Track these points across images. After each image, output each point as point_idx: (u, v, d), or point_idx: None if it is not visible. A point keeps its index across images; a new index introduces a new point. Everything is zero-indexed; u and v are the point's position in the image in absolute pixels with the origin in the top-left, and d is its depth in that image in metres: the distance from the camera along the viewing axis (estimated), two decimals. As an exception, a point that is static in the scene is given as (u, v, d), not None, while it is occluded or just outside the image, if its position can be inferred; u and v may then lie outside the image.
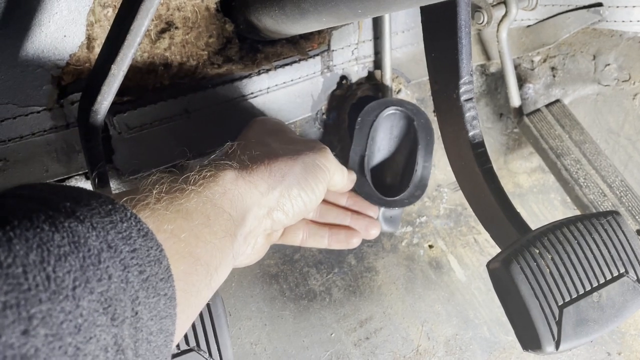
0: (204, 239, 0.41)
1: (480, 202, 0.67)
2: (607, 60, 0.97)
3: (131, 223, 0.32)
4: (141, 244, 0.32)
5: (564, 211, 1.01)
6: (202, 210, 0.42)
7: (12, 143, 0.65)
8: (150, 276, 0.31)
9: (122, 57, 0.49)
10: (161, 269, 0.33)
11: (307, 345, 0.82)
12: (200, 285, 0.40)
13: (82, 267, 0.27)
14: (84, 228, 0.28)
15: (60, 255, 0.26)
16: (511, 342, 0.87)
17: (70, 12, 0.60)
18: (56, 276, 0.25)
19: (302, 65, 0.80)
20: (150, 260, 0.32)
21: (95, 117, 0.55)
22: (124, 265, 0.30)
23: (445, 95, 0.65)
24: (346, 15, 0.50)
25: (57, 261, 0.25)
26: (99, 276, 0.27)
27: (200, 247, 0.40)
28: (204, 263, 0.40)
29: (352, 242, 0.68)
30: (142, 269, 0.31)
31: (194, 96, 0.73)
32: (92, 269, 0.27)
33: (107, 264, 0.28)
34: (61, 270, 0.25)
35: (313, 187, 0.55)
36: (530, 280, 0.52)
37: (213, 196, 0.45)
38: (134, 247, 0.31)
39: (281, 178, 0.52)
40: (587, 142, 0.88)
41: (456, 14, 0.57)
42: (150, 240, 0.33)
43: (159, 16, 0.68)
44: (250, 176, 0.50)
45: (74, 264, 0.26)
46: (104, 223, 0.30)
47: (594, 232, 0.56)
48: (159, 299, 0.32)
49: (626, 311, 0.54)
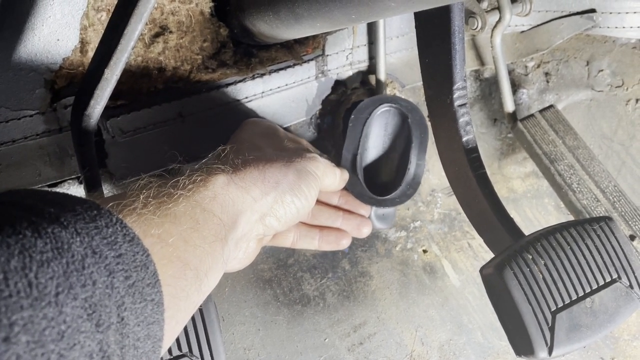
0: (193, 243, 0.40)
1: (474, 207, 0.67)
2: (601, 66, 0.98)
3: (117, 228, 0.32)
4: (127, 249, 0.31)
5: (558, 216, 1.01)
6: (191, 214, 0.42)
7: (4, 147, 0.65)
8: (137, 282, 0.31)
9: (116, 61, 0.49)
10: (148, 274, 0.33)
11: (300, 351, 0.82)
12: (189, 290, 0.39)
13: (65, 273, 0.26)
14: (67, 234, 0.28)
15: (42, 262, 0.26)
16: (505, 347, 0.87)
17: (64, 15, 0.60)
18: (38, 282, 0.25)
19: (297, 70, 0.80)
20: (136, 265, 0.32)
21: (88, 121, 0.55)
22: (109, 271, 0.29)
23: (439, 101, 0.65)
24: (340, 20, 0.50)
25: (39, 267, 0.25)
26: (83, 282, 0.27)
27: (189, 252, 0.40)
28: (193, 267, 0.40)
29: (342, 243, 0.70)
30: (128, 275, 0.31)
31: (188, 100, 0.73)
32: (75, 274, 0.27)
33: (91, 270, 0.28)
34: (43, 277, 0.25)
35: (306, 193, 0.55)
36: (523, 286, 0.52)
37: (202, 200, 0.44)
38: (119, 252, 0.31)
39: (275, 184, 0.52)
40: (581, 148, 0.88)
41: (450, 19, 0.58)
42: (136, 245, 0.32)
43: (153, 20, 0.68)
44: (243, 181, 0.50)
45: (56, 269, 0.26)
46: (89, 229, 0.30)
47: (587, 238, 0.56)
48: (146, 305, 0.32)
49: (619, 317, 0.54)
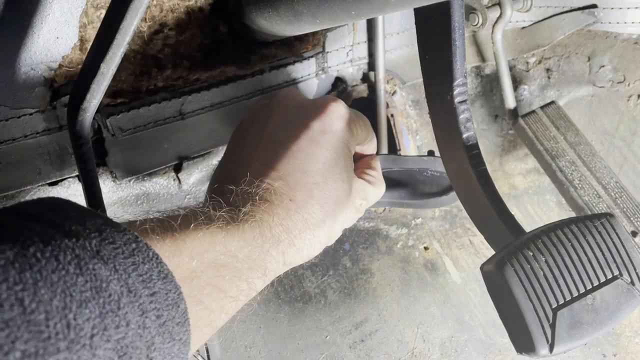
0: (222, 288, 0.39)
1: (474, 204, 0.66)
2: (602, 62, 0.97)
3: (152, 265, 0.31)
4: (160, 287, 0.30)
5: (559, 213, 1.01)
6: (237, 284, 0.41)
7: (4, 145, 0.65)
8: (167, 321, 0.30)
9: (112, 55, 0.49)
10: (178, 312, 0.32)
11: (302, 348, 0.81)
12: (205, 330, 0.38)
13: (101, 314, 0.26)
14: (106, 271, 0.27)
15: (81, 302, 0.25)
16: (506, 344, 0.87)
17: (63, 13, 0.60)
18: (76, 324, 0.24)
19: (297, 67, 0.80)
20: (168, 304, 0.31)
21: (85, 115, 0.55)
22: (142, 310, 0.29)
23: (439, 97, 0.64)
24: (340, 16, 0.50)
25: (78, 307, 0.25)
26: (117, 323, 0.27)
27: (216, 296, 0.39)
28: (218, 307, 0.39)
29: None
30: (160, 314, 0.30)
31: (188, 98, 0.73)
32: (111, 315, 0.26)
33: (126, 310, 0.27)
34: (81, 318, 0.25)
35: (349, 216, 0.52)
36: (524, 283, 0.52)
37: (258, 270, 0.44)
38: (153, 290, 0.30)
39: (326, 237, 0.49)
40: (582, 144, 0.88)
41: (450, 15, 0.57)
42: (169, 282, 0.31)
43: (153, 17, 0.68)
44: (295, 245, 0.46)
45: (93, 310, 0.25)
46: (126, 265, 0.29)
47: (588, 235, 0.56)
48: (174, 344, 0.31)
49: (620, 313, 0.54)
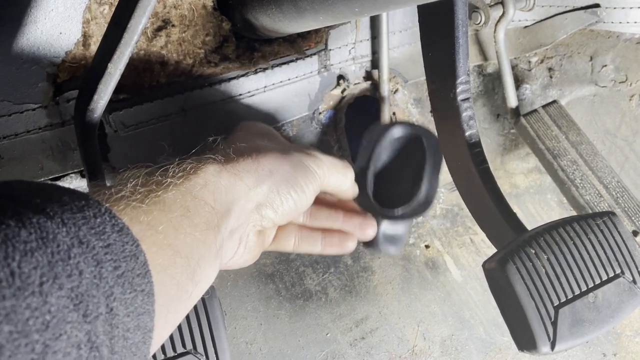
0: (183, 231, 0.40)
1: (477, 202, 0.67)
2: (604, 62, 0.97)
3: (105, 218, 0.31)
4: (116, 239, 0.31)
5: (561, 212, 1.01)
6: (181, 202, 0.41)
7: (6, 140, 0.65)
8: (126, 272, 0.31)
9: (119, 55, 0.49)
10: (137, 264, 0.32)
11: (302, 345, 0.82)
12: (180, 278, 0.39)
13: (50, 263, 0.26)
14: (53, 224, 0.28)
15: (26, 251, 0.25)
16: (507, 342, 0.87)
17: (66, 9, 0.60)
18: (21, 272, 0.24)
19: (299, 65, 0.80)
20: (125, 255, 0.31)
21: (92, 116, 0.55)
22: (97, 261, 0.29)
23: (442, 95, 0.65)
24: (343, 13, 0.50)
25: (22, 257, 0.25)
26: (69, 272, 0.27)
27: (180, 239, 0.39)
28: (184, 255, 0.39)
29: (347, 245, 0.62)
30: (117, 265, 0.30)
31: (191, 94, 0.73)
32: (61, 264, 0.27)
33: (77, 260, 0.28)
34: (27, 266, 0.25)
35: (303, 187, 0.54)
36: (526, 281, 0.52)
37: (193, 188, 0.43)
38: (107, 242, 0.30)
39: (269, 173, 0.51)
40: (584, 143, 0.88)
41: (453, 13, 0.57)
42: (125, 235, 0.32)
43: (156, 14, 0.68)
44: (235, 169, 0.48)
45: (41, 259, 0.26)
46: (76, 219, 0.29)
47: (590, 233, 0.56)
48: (136, 295, 0.32)
49: (622, 312, 0.54)
